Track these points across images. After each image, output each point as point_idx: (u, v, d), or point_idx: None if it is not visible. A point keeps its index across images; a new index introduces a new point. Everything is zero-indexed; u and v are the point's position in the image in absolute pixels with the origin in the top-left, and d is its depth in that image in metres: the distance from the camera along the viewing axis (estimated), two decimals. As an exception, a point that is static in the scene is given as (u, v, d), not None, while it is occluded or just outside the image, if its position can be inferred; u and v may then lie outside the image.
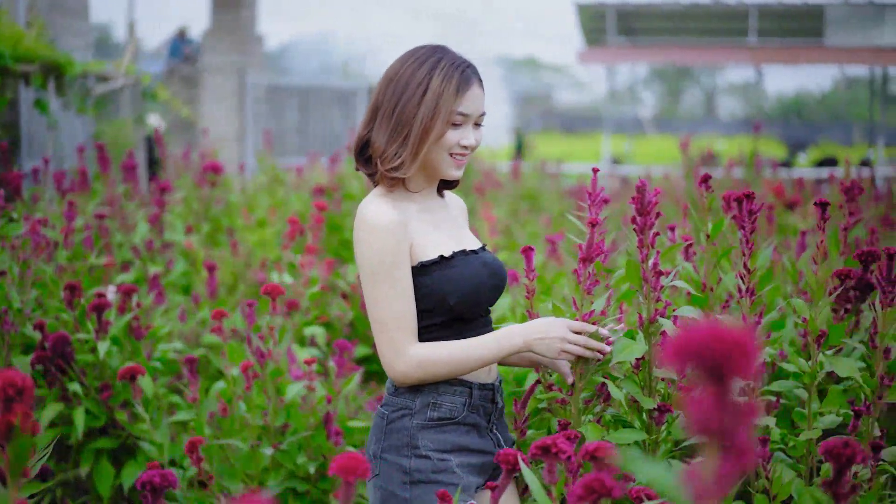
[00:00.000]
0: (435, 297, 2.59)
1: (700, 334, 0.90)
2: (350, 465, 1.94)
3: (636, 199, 2.69)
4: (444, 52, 2.67)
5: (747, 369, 0.89)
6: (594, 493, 1.71)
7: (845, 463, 1.71)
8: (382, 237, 2.53)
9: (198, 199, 6.42)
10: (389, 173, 2.60)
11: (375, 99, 2.67)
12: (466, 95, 2.62)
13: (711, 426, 0.90)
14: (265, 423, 3.60)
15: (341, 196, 6.57)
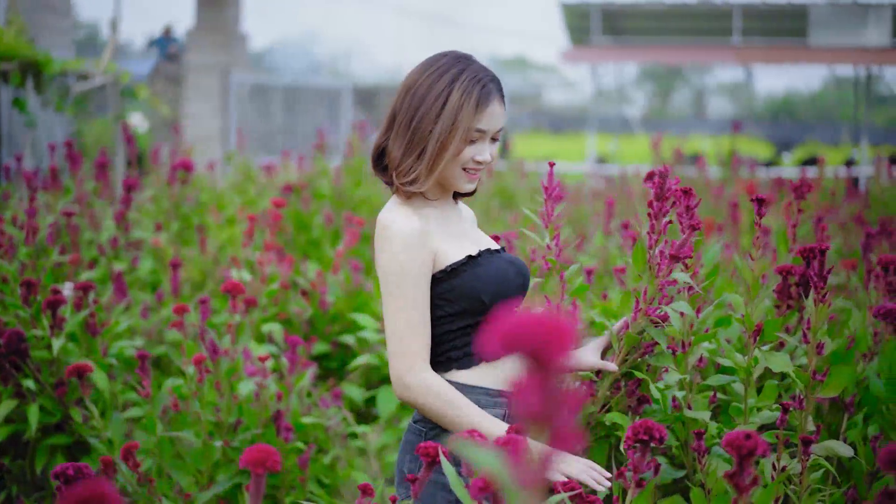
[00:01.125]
0: (468, 297, 2.56)
1: (522, 323, 0.91)
2: (259, 457, 1.95)
3: (656, 184, 2.71)
4: (467, 64, 2.63)
5: (565, 357, 0.91)
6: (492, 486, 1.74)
7: (746, 455, 1.73)
8: (405, 243, 2.51)
9: (167, 197, 6.42)
10: (404, 187, 2.56)
11: (393, 106, 2.63)
12: (486, 112, 2.58)
13: (536, 412, 0.92)
14: (217, 420, 3.61)
15: (310, 194, 6.59)
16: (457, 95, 2.55)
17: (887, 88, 63.49)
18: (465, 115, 2.54)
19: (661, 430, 2.06)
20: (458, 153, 2.56)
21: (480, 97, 2.57)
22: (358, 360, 4.37)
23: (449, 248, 2.59)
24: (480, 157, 2.60)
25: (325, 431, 3.96)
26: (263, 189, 7.05)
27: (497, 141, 2.67)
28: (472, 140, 2.58)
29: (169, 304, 5.15)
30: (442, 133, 2.53)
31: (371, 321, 4.42)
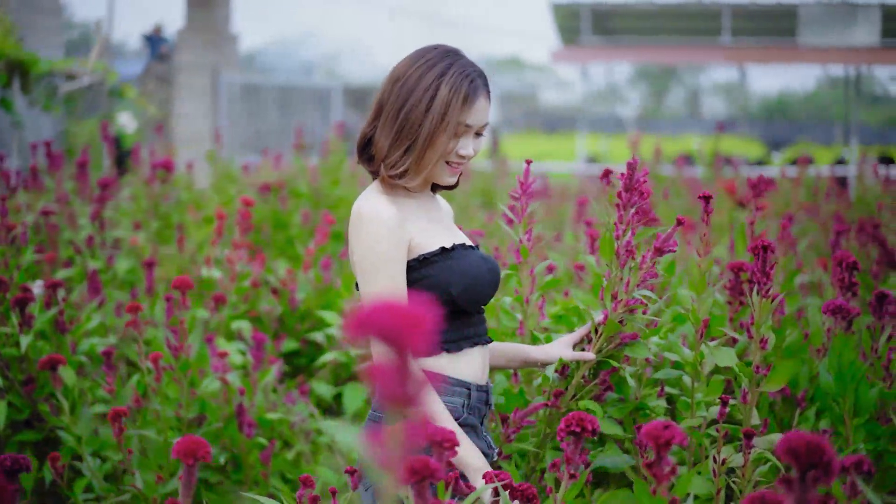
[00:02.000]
0: (438, 287, 2.57)
1: (381, 309, 0.95)
2: (190, 447, 2.00)
3: (625, 176, 2.75)
4: (456, 58, 2.64)
5: (422, 343, 0.95)
6: (417, 475, 1.77)
7: (663, 444, 1.77)
8: (380, 231, 2.52)
9: (146, 196, 6.45)
10: (394, 179, 2.59)
11: (380, 96, 2.64)
12: (473, 107, 2.60)
13: (394, 395, 0.96)
14: (178, 415, 3.65)
15: (287, 193, 6.62)
16: (445, 90, 2.56)
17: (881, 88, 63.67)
18: (453, 109, 2.56)
19: (594, 423, 2.09)
20: (447, 148, 2.59)
21: (468, 92, 2.59)
22: (324, 357, 4.41)
23: (423, 238, 2.60)
24: (464, 152, 2.63)
25: (290, 427, 3.99)
26: (242, 188, 7.08)
27: (481, 136, 2.70)
28: (458, 134, 2.60)
29: (143, 303, 5.18)
30: (431, 127, 2.55)
31: (338, 318, 4.46)
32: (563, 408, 2.88)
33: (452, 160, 2.63)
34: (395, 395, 0.95)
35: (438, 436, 1.94)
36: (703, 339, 2.91)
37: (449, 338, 2.61)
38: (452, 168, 2.65)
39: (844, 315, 3.39)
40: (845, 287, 3.38)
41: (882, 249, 5.21)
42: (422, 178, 2.61)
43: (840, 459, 1.86)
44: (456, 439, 1.95)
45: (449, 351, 2.61)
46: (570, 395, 2.88)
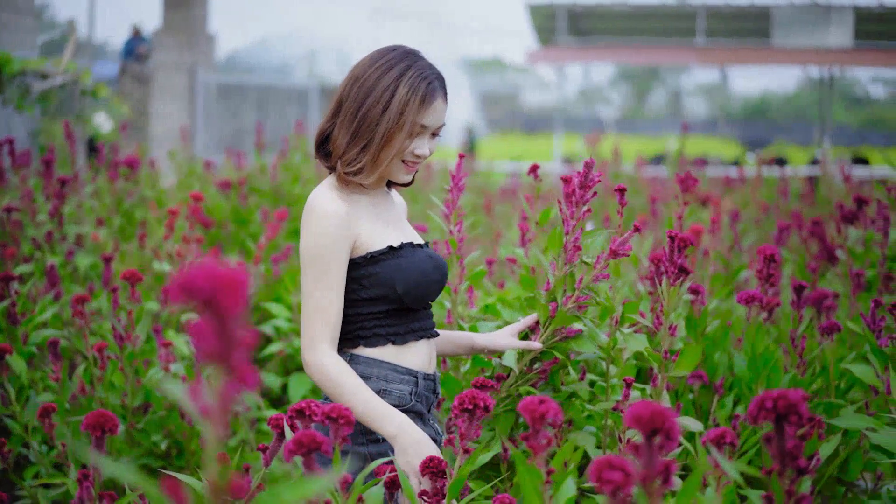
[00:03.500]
0: (384, 285, 2.64)
1: (198, 273, 1.06)
2: (98, 421, 2.11)
3: (581, 174, 2.86)
4: (414, 60, 2.70)
5: (238, 303, 1.06)
6: (303, 447, 1.89)
7: (538, 418, 1.88)
8: (326, 226, 2.59)
9: (109, 193, 6.53)
10: (349, 176, 2.65)
11: (340, 94, 2.70)
12: (430, 108, 2.66)
13: (212, 353, 1.07)
14: (123, 404, 3.75)
15: (248, 191, 6.72)
16: (403, 90, 2.62)
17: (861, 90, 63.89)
18: (410, 109, 2.63)
19: (486, 400, 2.20)
20: (402, 148, 2.65)
21: (426, 94, 2.65)
22: (270, 347, 4.52)
23: (372, 236, 2.67)
24: (419, 151, 2.69)
25: (234, 416, 4.10)
26: (206, 186, 7.17)
27: (437, 136, 2.77)
28: (414, 134, 2.67)
29: (99, 296, 5.26)
30: (388, 127, 2.61)
31: (284, 311, 4.56)
32: (504, 393, 3.00)
33: (408, 159, 2.69)
34: (213, 353, 1.06)
35: (334, 412, 2.06)
36: (618, 325, 3.03)
37: (395, 331, 2.69)
38: (408, 167, 2.72)
39: (763, 305, 3.52)
40: (764, 279, 3.50)
41: (822, 245, 5.33)
42: (377, 176, 2.67)
43: (706, 433, 1.98)
44: (351, 416, 2.06)
45: (395, 343, 2.68)
46: (510, 382, 2.99)
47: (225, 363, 1.07)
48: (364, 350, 2.67)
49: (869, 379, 3.15)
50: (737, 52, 24.10)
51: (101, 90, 12.71)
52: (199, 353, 1.07)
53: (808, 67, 26.08)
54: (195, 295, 1.06)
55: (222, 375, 1.08)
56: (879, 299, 3.24)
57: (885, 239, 4.90)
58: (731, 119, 61.15)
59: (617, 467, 1.55)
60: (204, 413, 1.08)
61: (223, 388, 1.08)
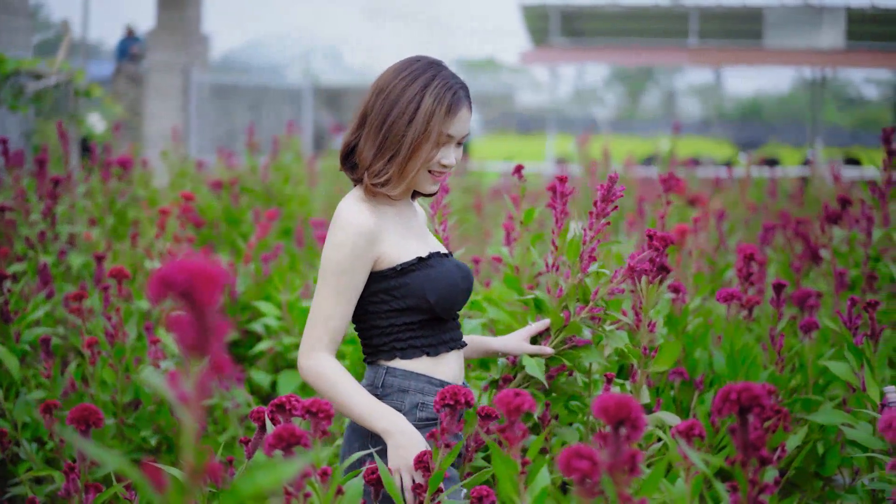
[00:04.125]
0: (415, 296, 2.65)
1: (176, 268, 1.12)
2: (82, 415, 2.17)
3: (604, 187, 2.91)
4: (438, 70, 2.70)
5: (214, 296, 1.12)
6: (283, 441, 1.95)
7: (513, 410, 1.94)
8: (349, 239, 2.60)
9: (102, 193, 6.59)
10: (376, 188, 2.66)
11: (364, 107, 2.70)
12: (456, 118, 2.66)
13: (190, 343, 1.13)
14: (114, 400, 3.81)
15: (239, 191, 6.78)
16: (429, 101, 2.63)
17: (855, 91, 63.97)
18: (436, 120, 2.63)
19: (469, 396, 2.27)
20: (429, 157, 2.66)
21: (451, 103, 2.65)
22: (259, 345, 4.57)
23: (401, 248, 2.67)
24: (446, 161, 2.70)
25: (224, 412, 4.15)
26: (198, 186, 7.22)
27: (461, 145, 2.76)
28: (440, 144, 2.67)
29: (92, 295, 5.31)
30: (414, 138, 2.62)
31: (273, 309, 4.62)
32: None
33: (435, 169, 2.70)
34: (191, 343, 1.12)
35: (313, 406, 2.12)
36: (601, 322, 3.08)
37: (429, 342, 2.70)
38: (435, 177, 2.73)
39: (743, 304, 3.59)
40: (744, 277, 3.57)
41: (805, 245, 5.39)
42: (404, 187, 2.68)
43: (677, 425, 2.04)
44: (331, 410, 2.12)
45: (429, 355, 2.70)
46: (517, 383, 3.06)
47: (202, 352, 1.13)
48: (400, 363, 2.69)
49: (845, 376, 3.21)
50: (729, 52, 24.18)
51: (95, 90, 12.75)
52: (178, 343, 1.13)
53: (800, 68, 26.16)
54: (173, 288, 1.12)
55: (200, 364, 1.14)
56: (855, 297, 3.31)
57: (869, 239, 4.96)
58: (724, 119, 61.32)
59: (585, 456, 1.61)
60: (182, 400, 1.14)
61: (200, 376, 1.14)
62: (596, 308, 2.97)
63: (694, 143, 41.81)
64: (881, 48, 23.99)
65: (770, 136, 48.22)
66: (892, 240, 5.09)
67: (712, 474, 1.86)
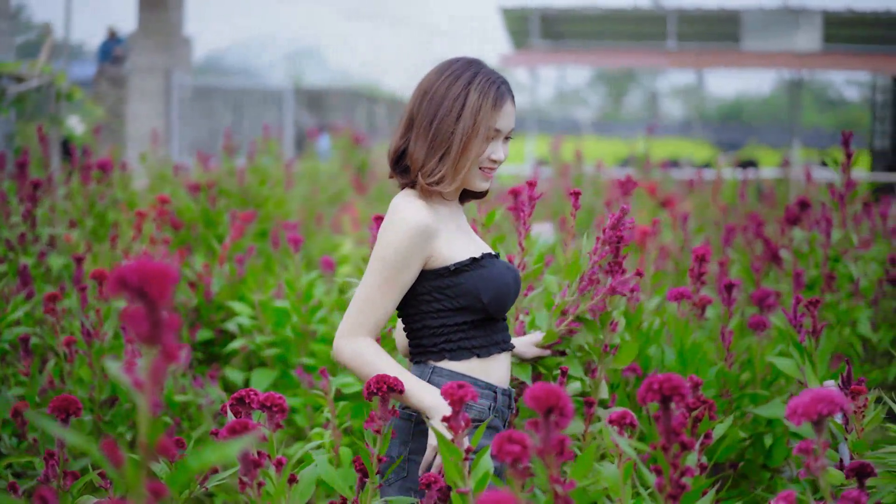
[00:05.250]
0: (469, 295, 2.69)
1: (130, 268, 1.26)
2: (62, 405, 2.31)
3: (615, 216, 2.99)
4: (480, 67, 2.76)
5: (165, 293, 1.26)
6: (236, 433, 2.10)
7: (457, 401, 2.08)
8: (405, 237, 2.63)
9: (82, 195, 6.70)
10: (431, 186, 2.69)
11: (410, 111, 2.75)
12: (502, 111, 2.72)
13: (144, 335, 1.27)
14: (91, 397, 3.93)
15: (216, 193, 6.91)
16: (475, 96, 2.68)
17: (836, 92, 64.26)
18: (483, 115, 2.68)
19: (395, 383, 2.40)
20: (480, 152, 2.72)
21: (497, 97, 2.71)
22: (233, 344, 4.71)
23: (454, 247, 2.71)
24: (495, 156, 2.75)
25: (198, 409, 4.29)
26: (176, 188, 7.35)
27: (509, 140, 2.82)
28: (489, 138, 2.73)
29: (70, 296, 5.43)
30: (465, 133, 2.67)
31: (246, 309, 4.76)
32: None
33: (485, 165, 2.75)
34: (144, 335, 1.26)
35: (268, 401, 2.27)
36: (565, 321, 3.21)
37: (480, 343, 2.74)
38: (485, 173, 2.78)
39: (695, 303, 3.74)
40: (696, 277, 3.72)
41: (766, 246, 5.55)
42: (458, 184, 2.74)
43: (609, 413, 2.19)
44: (284, 404, 2.27)
45: (480, 356, 2.74)
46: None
47: (154, 344, 1.27)
48: (449, 363, 2.73)
49: (790, 371, 3.36)
50: (708, 55, 24.38)
51: (76, 93, 12.84)
52: (133, 334, 1.27)
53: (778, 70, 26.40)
54: (127, 286, 1.26)
55: (152, 354, 1.28)
56: (799, 296, 3.45)
57: (828, 240, 5.12)
58: (706, 121, 61.62)
59: (516, 441, 1.75)
60: (137, 386, 1.28)
61: (153, 365, 1.28)
62: (574, 323, 3.10)
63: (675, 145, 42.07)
64: (857, 50, 24.26)
65: (751, 137, 48.49)
66: (851, 241, 5.25)
67: (651, 461, 2.00)
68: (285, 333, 4.52)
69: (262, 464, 2.26)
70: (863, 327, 5.11)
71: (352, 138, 12.05)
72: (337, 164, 11.60)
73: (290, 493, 2.35)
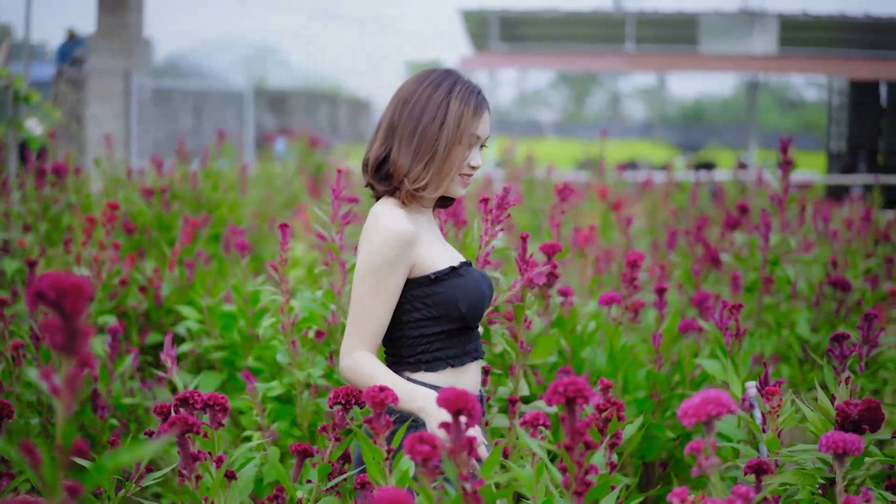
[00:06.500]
0: (447, 304, 2.73)
1: (47, 282, 1.36)
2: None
3: (499, 196, 3.11)
4: (457, 76, 2.82)
5: (80, 304, 1.36)
6: (177, 426, 2.19)
7: (378, 404, 2.18)
8: (389, 245, 2.67)
9: (36, 199, 6.75)
10: (417, 192, 2.74)
11: (390, 119, 2.79)
12: (481, 119, 2.78)
13: (60, 344, 1.36)
14: (39, 399, 4.01)
15: (170, 197, 6.97)
16: (456, 104, 2.74)
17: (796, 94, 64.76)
18: (465, 121, 2.75)
19: (358, 396, 2.50)
20: (462, 159, 2.78)
21: (476, 105, 2.78)
22: (182, 347, 4.78)
23: (434, 256, 2.77)
24: (475, 162, 2.81)
25: (146, 412, 4.37)
26: (130, 193, 7.39)
27: (484, 147, 2.88)
28: (470, 145, 2.79)
29: (20, 300, 5.49)
30: (448, 139, 2.73)
31: (195, 313, 4.84)
32: None
33: (465, 172, 2.81)
34: (60, 345, 1.36)
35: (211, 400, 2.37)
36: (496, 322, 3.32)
37: (454, 353, 2.78)
38: (464, 179, 2.84)
39: (628, 306, 3.86)
40: (628, 281, 3.84)
41: (706, 249, 5.69)
42: (442, 190, 2.79)
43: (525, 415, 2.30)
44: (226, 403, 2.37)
45: (454, 366, 2.79)
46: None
47: (70, 352, 1.37)
48: (424, 375, 2.76)
49: (716, 372, 3.48)
50: (666, 58, 24.61)
51: (34, 96, 12.84)
52: (50, 344, 1.37)
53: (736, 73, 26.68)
54: (44, 300, 1.36)
55: (68, 362, 1.37)
56: (725, 300, 3.58)
57: (766, 243, 5.26)
58: (668, 122, 62.02)
59: (426, 441, 1.86)
60: (54, 392, 1.38)
61: (69, 372, 1.37)
62: (494, 312, 3.21)
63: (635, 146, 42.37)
64: (813, 53, 24.58)
65: (712, 138, 48.88)
66: (789, 244, 5.40)
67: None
68: (232, 337, 4.60)
69: (202, 458, 2.36)
70: (801, 329, 5.26)
71: (308, 141, 12.11)
72: (292, 167, 11.66)
73: (229, 490, 2.45)
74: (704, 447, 1.89)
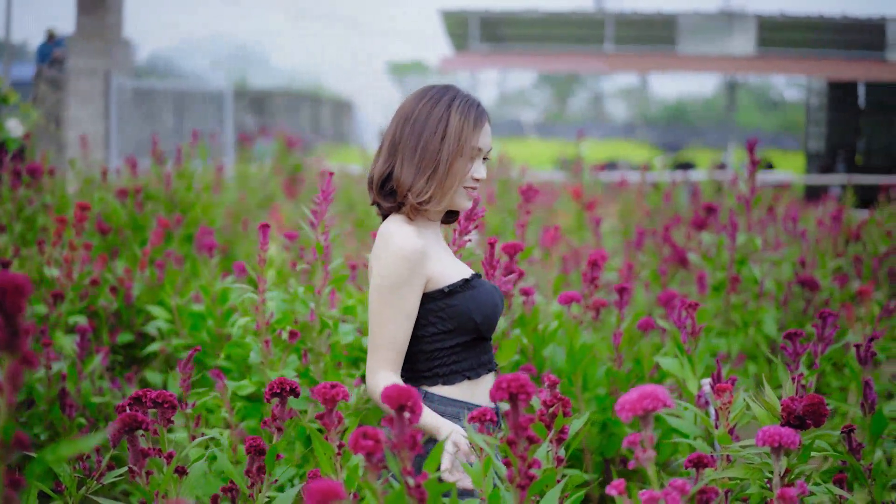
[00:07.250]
0: (461, 317, 2.76)
1: (-10, 283, 1.40)
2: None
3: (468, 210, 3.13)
4: (456, 90, 2.85)
5: (20, 303, 1.40)
6: (126, 426, 2.24)
7: (329, 399, 2.23)
8: (403, 263, 2.69)
9: (10, 200, 6.77)
10: (421, 206, 2.77)
11: (392, 137, 2.81)
12: (482, 131, 2.80)
13: (2, 343, 1.41)
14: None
15: (144, 198, 7.00)
16: (456, 117, 2.76)
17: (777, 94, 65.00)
18: (466, 134, 2.76)
19: (294, 385, 2.55)
20: (464, 172, 2.79)
21: (476, 117, 2.79)
22: (152, 346, 4.83)
23: (445, 270, 2.79)
24: (478, 174, 2.83)
25: (115, 411, 4.40)
26: (104, 193, 7.41)
27: (487, 159, 2.89)
28: (472, 157, 2.81)
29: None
30: (449, 153, 2.75)
31: (164, 313, 4.88)
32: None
33: (468, 184, 2.83)
34: (2, 343, 1.40)
35: (160, 398, 2.41)
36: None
37: (470, 365, 2.80)
38: (469, 192, 2.85)
39: (589, 305, 3.92)
40: (589, 281, 3.89)
41: (673, 250, 5.75)
42: (446, 203, 2.80)
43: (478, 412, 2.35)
44: (174, 401, 2.41)
45: (470, 378, 2.80)
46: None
47: (12, 351, 1.42)
48: (441, 389, 2.79)
49: (674, 370, 3.55)
50: (645, 58, 24.72)
51: (12, 96, 12.83)
52: (-8, 342, 1.41)
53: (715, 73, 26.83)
54: None
55: (10, 359, 1.42)
56: (684, 299, 3.64)
57: (733, 243, 5.33)
58: (649, 122, 62.18)
59: (370, 437, 1.91)
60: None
61: (10, 368, 1.42)
62: None
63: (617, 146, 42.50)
64: (791, 54, 24.71)
65: (693, 138, 49.03)
66: (755, 244, 5.46)
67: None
68: (201, 336, 4.64)
69: (152, 454, 2.41)
70: (768, 328, 5.32)
71: (285, 142, 12.14)
72: (269, 168, 11.70)
73: (180, 485, 2.50)
74: (641, 440, 1.94)
